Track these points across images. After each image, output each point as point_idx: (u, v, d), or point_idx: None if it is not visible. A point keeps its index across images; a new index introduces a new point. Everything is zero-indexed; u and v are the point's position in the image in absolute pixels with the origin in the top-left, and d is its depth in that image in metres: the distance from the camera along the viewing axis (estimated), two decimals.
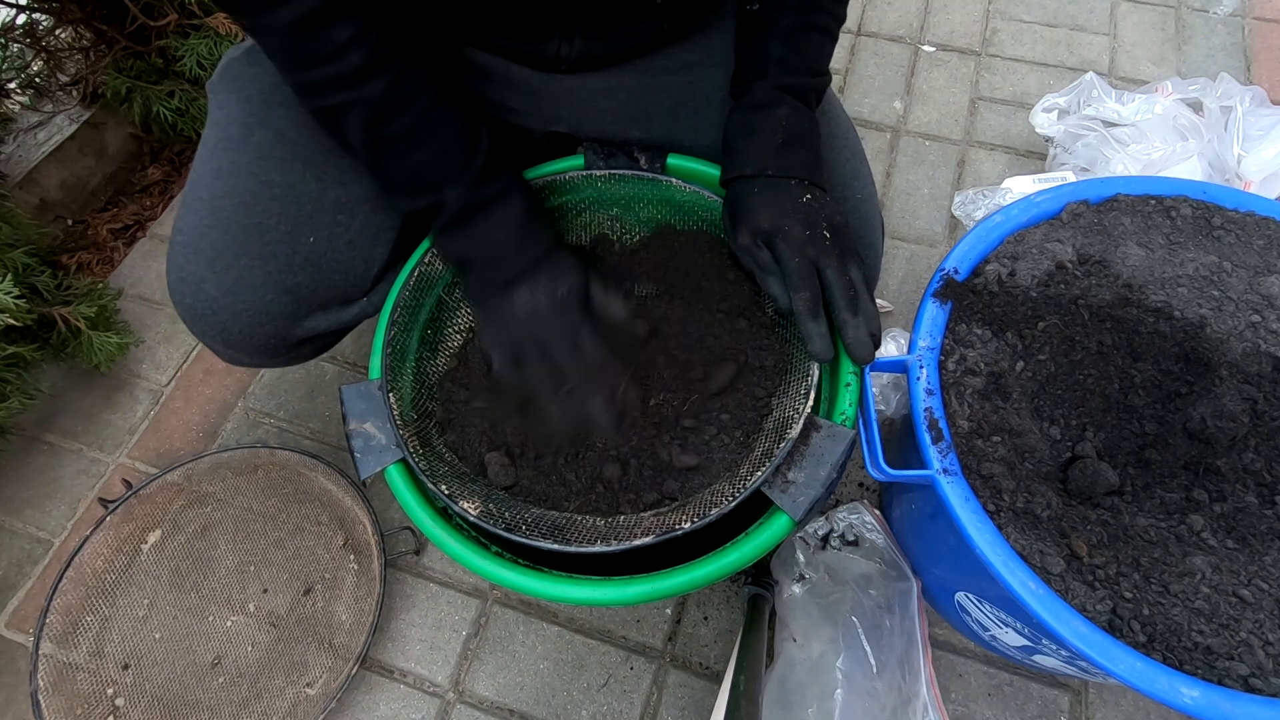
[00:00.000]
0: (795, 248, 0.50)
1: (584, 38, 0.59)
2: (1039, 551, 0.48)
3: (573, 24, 0.58)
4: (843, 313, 0.50)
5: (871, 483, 0.87)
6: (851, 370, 0.53)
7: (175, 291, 0.59)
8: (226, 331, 0.59)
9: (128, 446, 0.93)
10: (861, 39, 1.28)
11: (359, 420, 0.54)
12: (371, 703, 0.77)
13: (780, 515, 0.49)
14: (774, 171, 0.54)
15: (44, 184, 1.05)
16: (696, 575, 0.48)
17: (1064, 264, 0.59)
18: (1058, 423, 0.54)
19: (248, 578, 0.81)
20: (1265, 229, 0.60)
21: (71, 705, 0.74)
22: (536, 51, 0.61)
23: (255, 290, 0.57)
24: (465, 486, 0.52)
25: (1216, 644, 0.44)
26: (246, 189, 0.57)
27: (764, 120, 0.56)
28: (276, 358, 0.63)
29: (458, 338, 0.62)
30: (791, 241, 0.51)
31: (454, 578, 0.83)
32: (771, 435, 0.52)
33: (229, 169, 0.58)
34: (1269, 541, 0.48)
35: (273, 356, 0.63)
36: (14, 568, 0.86)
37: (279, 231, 0.57)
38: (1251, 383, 0.53)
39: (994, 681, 0.75)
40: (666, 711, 0.75)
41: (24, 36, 1.01)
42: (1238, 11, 1.25)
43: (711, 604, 0.80)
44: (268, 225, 0.57)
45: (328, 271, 0.60)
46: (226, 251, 0.56)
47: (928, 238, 1.06)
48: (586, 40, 0.60)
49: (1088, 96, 1.04)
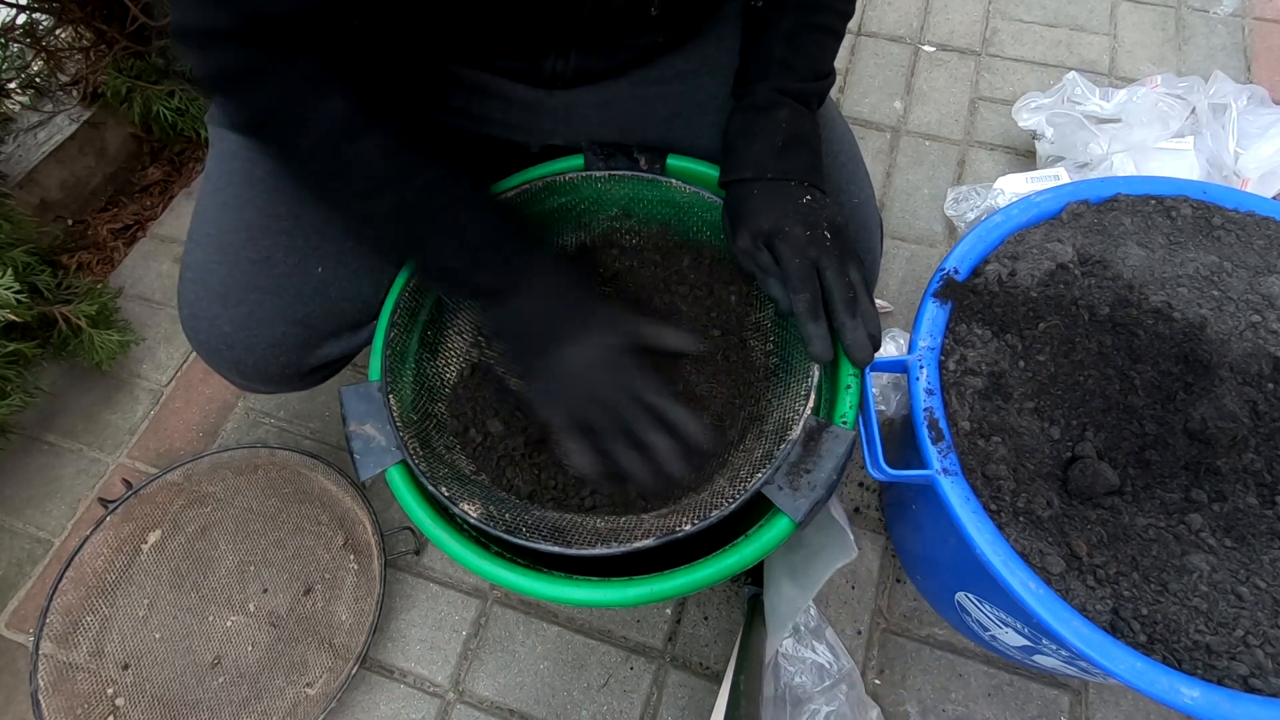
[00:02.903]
0: (795, 249, 0.50)
1: (580, 54, 0.59)
2: (1039, 551, 0.48)
3: (568, 42, 0.58)
4: (841, 314, 0.49)
5: (871, 483, 0.87)
6: (851, 372, 0.53)
7: (189, 328, 0.59)
8: (241, 364, 0.59)
9: (128, 446, 0.93)
10: (861, 39, 1.28)
11: (359, 422, 0.54)
12: (371, 703, 0.77)
13: (780, 517, 0.49)
14: (774, 174, 0.54)
15: (44, 184, 1.05)
16: (697, 577, 0.48)
17: (1064, 264, 0.58)
18: (1058, 423, 0.54)
19: (248, 578, 0.81)
20: (1265, 229, 0.60)
21: (71, 705, 0.74)
22: (532, 69, 0.60)
23: (267, 323, 0.58)
24: (465, 488, 0.52)
25: (1215, 643, 0.44)
26: (253, 223, 0.58)
27: (764, 122, 0.56)
28: (291, 385, 0.64)
29: (459, 339, 0.62)
30: (792, 242, 0.50)
31: (454, 578, 0.83)
32: (772, 437, 0.52)
33: (234, 203, 0.58)
34: (1269, 541, 0.48)
35: (287, 384, 0.63)
36: (14, 568, 0.86)
37: (287, 264, 0.58)
38: (1252, 383, 0.53)
39: (994, 681, 0.75)
40: (666, 711, 0.75)
41: (24, 36, 1.01)
42: (1238, 11, 1.25)
43: (711, 604, 0.80)
44: (275, 259, 0.57)
45: (337, 300, 0.60)
46: (236, 287, 0.57)
47: (928, 238, 1.06)
48: (582, 56, 0.59)
49: (1071, 94, 1.05)
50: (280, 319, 0.58)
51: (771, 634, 0.68)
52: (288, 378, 0.62)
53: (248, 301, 0.57)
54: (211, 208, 0.59)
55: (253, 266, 0.57)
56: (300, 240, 0.58)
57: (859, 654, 0.77)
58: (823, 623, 0.76)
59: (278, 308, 0.58)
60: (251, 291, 0.57)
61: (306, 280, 0.58)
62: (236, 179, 0.59)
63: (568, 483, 0.56)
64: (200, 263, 0.58)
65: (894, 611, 0.79)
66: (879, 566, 0.82)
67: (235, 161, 0.59)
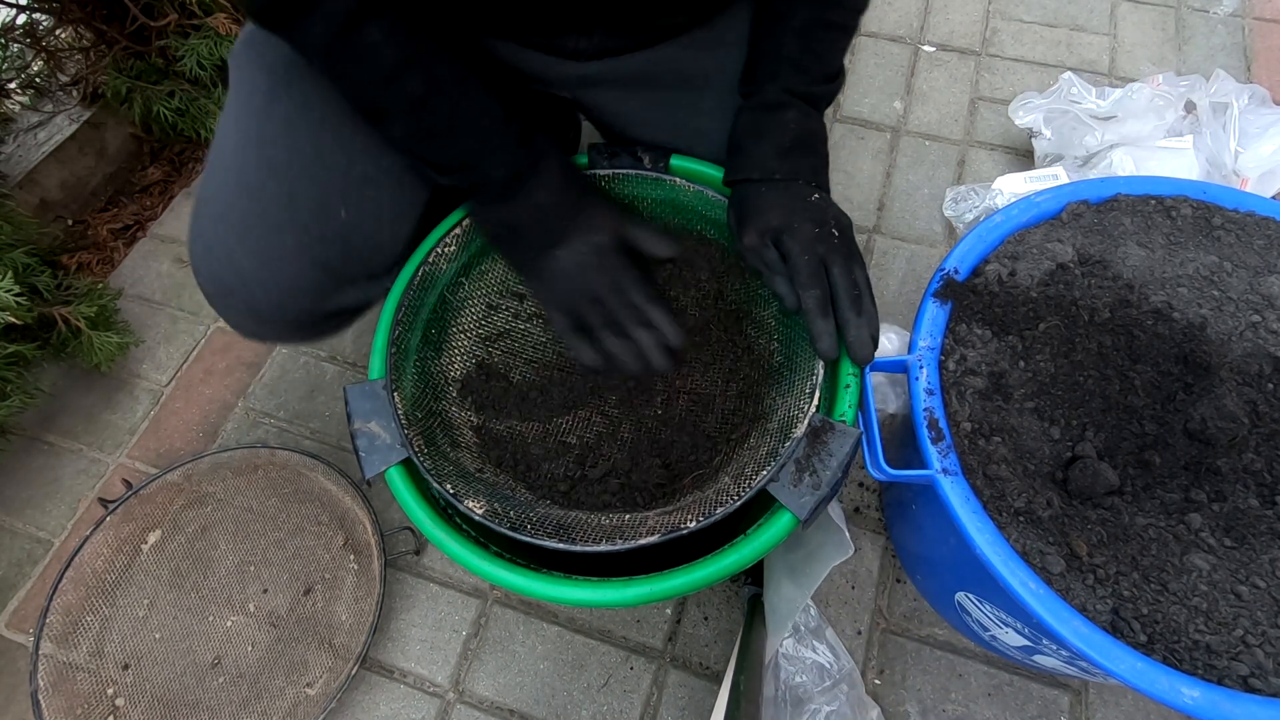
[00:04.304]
0: (805, 245, 0.51)
1: (603, 34, 0.60)
2: (1039, 551, 0.48)
3: (592, 22, 0.59)
4: (847, 311, 0.50)
5: (871, 482, 0.87)
6: (851, 371, 0.53)
7: (201, 262, 0.57)
8: (255, 305, 0.57)
9: (128, 446, 0.93)
10: (861, 39, 1.28)
11: (363, 420, 0.54)
12: (371, 703, 0.77)
13: (781, 516, 0.49)
14: (781, 175, 0.55)
15: (44, 184, 1.05)
16: (697, 576, 0.48)
17: (1064, 264, 0.59)
18: (1058, 423, 0.54)
19: (248, 578, 0.81)
20: (1265, 229, 0.60)
21: (71, 705, 0.74)
22: (555, 45, 0.61)
23: (288, 263, 0.56)
24: (470, 485, 0.52)
25: (1215, 642, 0.44)
26: (275, 159, 0.55)
27: (773, 123, 0.56)
28: (303, 331, 0.62)
29: (462, 338, 0.62)
30: (801, 239, 0.51)
31: (454, 578, 0.83)
32: (776, 435, 0.52)
33: (256, 138, 0.56)
34: (1269, 541, 0.48)
35: (299, 330, 0.61)
36: (14, 568, 0.86)
37: (310, 203, 0.56)
38: (1252, 384, 0.53)
39: (994, 681, 0.75)
40: (666, 711, 0.75)
41: (24, 36, 1.01)
42: (1238, 11, 1.25)
43: (711, 604, 0.80)
44: (298, 197, 0.55)
45: (358, 247, 0.58)
46: (258, 224, 0.55)
47: (928, 238, 1.06)
48: (605, 36, 0.60)
49: (1068, 94, 1.05)
50: (301, 259, 0.56)
51: (771, 634, 0.68)
52: (301, 323, 0.60)
53: (269, 239, 0.55)
54: (231, 143, 0.56)
55: (275, 203, 0.55)
56: (323, 180, 0.56)
57: (859, 654, 0.77)
58: (823, 623, 0.76)
59: (300, 248, 0.56)
60: (274, 229, 0.55)
61: (329, 223, 0.56)
62: (258, 114, 0.56)
63: (572, 477, 0.56)
64: (219, 196, 0.56)
65: (894, 611, 0.79)
66: (879, 566, 0.82)
67: (256, 98, 0.57)
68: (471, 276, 0.64)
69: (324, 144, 0.56)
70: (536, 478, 0.56)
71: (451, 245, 0.62)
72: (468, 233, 0.62)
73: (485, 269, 0.65)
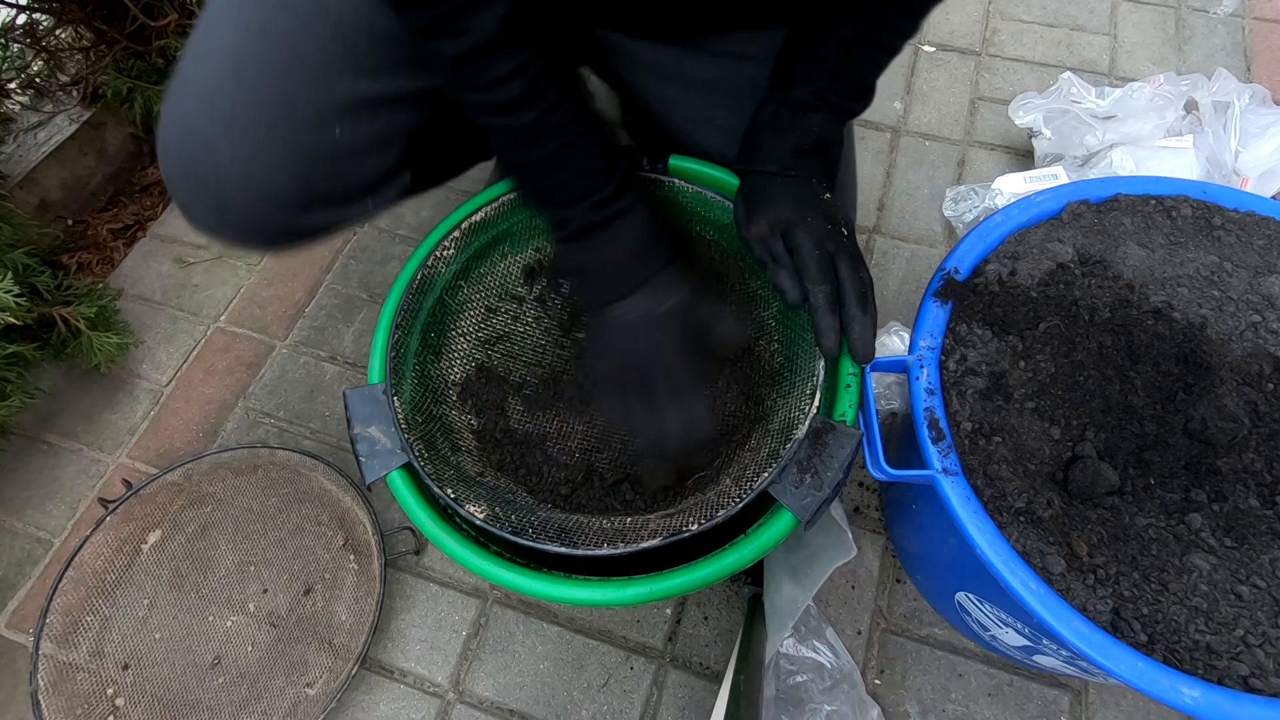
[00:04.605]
0: (816, 240, 0.51)
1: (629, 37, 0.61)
2: (1039, 551, 0.48)
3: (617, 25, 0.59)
4: (853, 308, 0.50)
5: (871, 482, 0.87)
6: (851, 371, 0.53)
7: (173, 146, 0.51)
8: (225, 204, 0.52)
9: (128, 446, 0.93)
10: None
11: (363, 424, 0.54)
12: (371, 703, 0.77)
13: (782, 516, 0.49)
14: (796, 172, 0.55)
15: (44, 184, 1.05)
16: (696, 576, 0.48)
17: (1064, 264, 0.59)
18: (1058, 423, 0.54)
19: (248, 578, 0.81)
20: (1265, 229, 0.60)
21: (71, 705, 0.74)
22: None
23: (274, 170, 0.51)
24: (471, 490, 0.52)
25: (1215, 642, 0.44)
26: (277, 55, 0.50)
27: (798, 121, 0.56)
28: (267, 240, 0.57)
29: (461, 341, 0.62)
30: (813, 234, 0.51)
31: (454, 578, 0.83)
32: (778, 436, 0.52)
33: (259, 27, 0.50)
34: (1269, 541, 0.48)
35: (264, 239, 0.56)
36: (14, 568, 0.86)
37: (307, 112, 0.51)
38: (1252, 383, 0.53)
39: (994, 681, 0.75)
40: (666, 711, 0.75)
41: (24, 36, 1.01)
42: (1238, 11, 1.25)
43: (711, 604, 0.80)
44: (296, 102, 0.50)
45: (344, 169, 0.55)
46: (245, 117, 0.50)
47: (928, 238, 1.06)
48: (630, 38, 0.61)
49: (1068, 94, 1.05)
50: (284, 167, 0.51)
51: (772, 634, 0.68)
52: (267, 233, 0.55)
53: (257, 138, 0.50)
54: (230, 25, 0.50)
55: (271, 100, 0.50)
56: (325, 93, 0.51)
57: (859, 654, 0.77)
58: (823, 623, 0.76)
59: (287, 157, 0.51)
60: (264, 132, 0.50)
61: (322, 138, 0.52)
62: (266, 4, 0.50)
63: (574, 482, 0.56)
64: (208, 78, 0.50)
65: (894, 611, 0.79)
66: (879, 566, 0.82)
67: None
68: (470, 280, 0.64)
69: (335, 56, 0.51)
70: (537, 481, 0.56)
71: (450, 248, 0.62)
72: (466, 235, 0.62)
73: (483, 272, 0.65)
